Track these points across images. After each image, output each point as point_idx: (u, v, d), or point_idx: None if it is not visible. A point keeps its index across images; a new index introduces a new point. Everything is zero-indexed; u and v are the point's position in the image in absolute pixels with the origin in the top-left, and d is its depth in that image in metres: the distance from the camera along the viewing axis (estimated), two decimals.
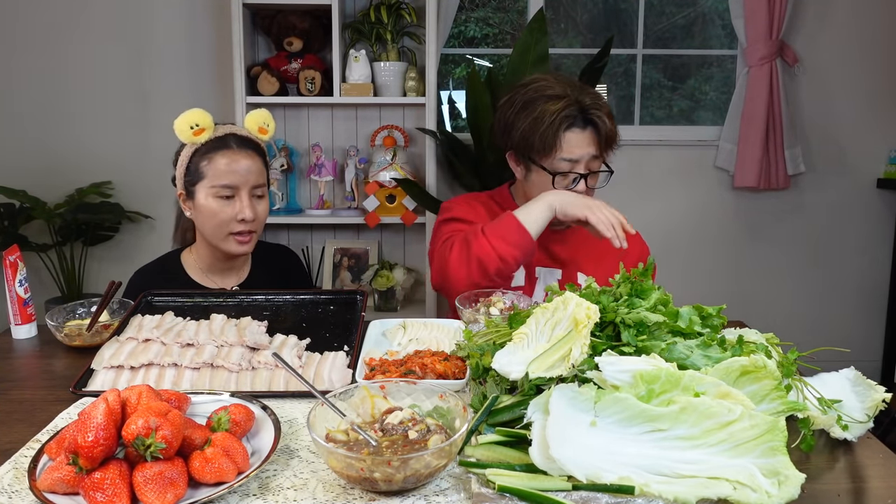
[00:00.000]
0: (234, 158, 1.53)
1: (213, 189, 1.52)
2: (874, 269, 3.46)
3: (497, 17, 3.47)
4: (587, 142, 1.56)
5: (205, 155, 1.53)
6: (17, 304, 1.40)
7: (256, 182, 1.56)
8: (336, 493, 0.80)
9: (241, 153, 1.54)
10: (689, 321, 0.99)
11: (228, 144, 1.54)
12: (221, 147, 1.53)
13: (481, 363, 1.02)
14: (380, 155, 3.06)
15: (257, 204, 1.57)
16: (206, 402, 0.96)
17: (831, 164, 3.38)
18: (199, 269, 1.66)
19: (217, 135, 1.54)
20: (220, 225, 1.54)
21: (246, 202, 1.54)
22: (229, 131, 1.57)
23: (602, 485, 0.73)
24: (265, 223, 1.65)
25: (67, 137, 3.20)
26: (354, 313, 1.36)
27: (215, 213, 1.53)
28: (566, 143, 1.55)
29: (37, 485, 0.78)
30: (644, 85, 3.43)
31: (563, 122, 1.54)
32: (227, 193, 1.53)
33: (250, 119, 1.58)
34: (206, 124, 1.52)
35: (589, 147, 1.57)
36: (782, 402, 0.87)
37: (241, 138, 1.57)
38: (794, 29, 3.24)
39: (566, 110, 1.54)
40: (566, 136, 1.55)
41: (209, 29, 3.15)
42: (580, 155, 1.56)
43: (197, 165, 1.53)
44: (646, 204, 3.39)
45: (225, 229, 1.55)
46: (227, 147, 1.54)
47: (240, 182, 1.53)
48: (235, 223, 1.54)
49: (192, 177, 1.54)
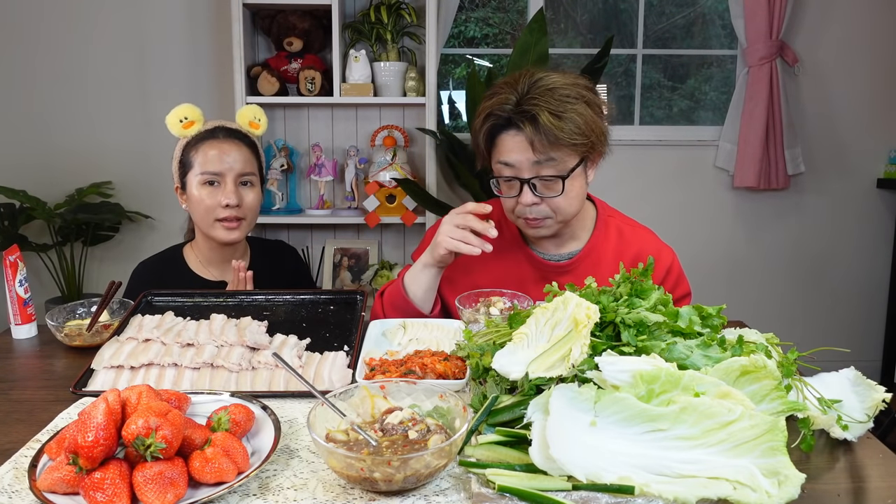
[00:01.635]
0: (220, 148, 1.59)
1: (200, 177, 1.58)
2: (874, 268, 3.46)
3: (497, 17, 3.47)
4: (523, 146, 1.32)
5: (193, 146, 1.60)
6: (17, 304, 1.40)
7: (242, 170, 1.60)
8: (336, 493, 0.80)
9: (228, 142, 1.61)
10: (689, 321, 0.99)
11: (216, 135, 1.61)
12: (209, 138, 1.60)
13: (481, 363, 1.02)
14: (380, 155, 3.06)
15: (244, 192, 1.62)
16: (206, 402, 0.96)
17: (831, 164, 3.38)
18: (200, 263, 1.69)
19: (206, 128, 1.62)
20: (206, 211, 1.59)
21: (231, 188, 1.59)
22: (218, 124, 1.64)
23: (602, 485, 0.73)
24: (258, 216, 1.70)
25: (67, 137, 3.20)
26: (354, 313, 1.36)
27: (201, 199, 1.59)
28: (501, 145, 1.36)
29: (37, 485, 0.78)
30: (644, 85, 3.43)
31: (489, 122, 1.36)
32: (213, 179, 1.58)
33: (241, 114, 1.67)
34: (194, 117, 1.60)
35: (525, 151, 1.32)
36: (782, 402, 0.87)
37: (230, 130, 1.64)
38: (794, 29, 3.24)
39: (495, 109, 1.34)
40: (500, 140, 1.36)
41: (209, 29, 3.15)
42: (516, 159, 1.34)
43: (186, 157, 1.61)
44: (646, 204, 3.39)
45: (211, 215, 1.59)
46: (214, 137, 1.61)
47: (224, 169, 1.58)
48: (220, 209, 1.59)
49: (183, 168, 1.61)
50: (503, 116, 1.34)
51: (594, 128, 1.34)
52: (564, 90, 1.33)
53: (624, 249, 1.52)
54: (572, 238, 1.52)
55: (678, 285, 1.54)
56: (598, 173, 1.47)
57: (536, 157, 1.32)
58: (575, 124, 1.31)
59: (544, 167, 1.34)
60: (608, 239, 1.53)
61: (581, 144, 1.33)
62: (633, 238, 1.54)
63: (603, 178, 3.80)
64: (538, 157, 1.32)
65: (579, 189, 1.40)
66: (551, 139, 1.30)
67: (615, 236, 1.53)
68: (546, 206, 1.38)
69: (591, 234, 1.53)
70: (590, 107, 1.34)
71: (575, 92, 1.33)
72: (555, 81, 1.34)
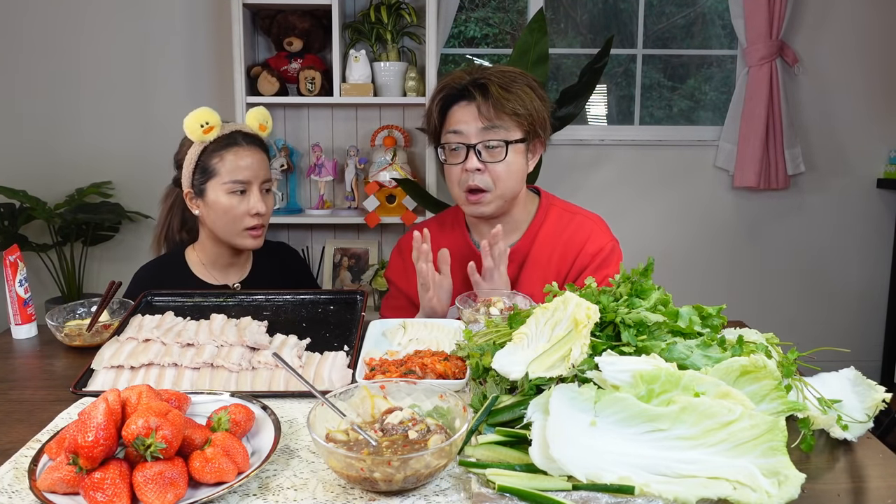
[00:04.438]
0: (244, 155, 1.58)
1: (227, 185, 1.57)
2: (874, 269, 3.46)
3: (497, 17, 3.47)
4: (472, 114, 1.47)
5: (214, 153, 1.57)
6: (17, 304, 1.40)
7: (266, 177, 1.62)
8: (336, 493, 0.80)
9: (250, 149, 1.59)
10: (689, 321, 0.99)
11: (237, 141, 1.59)
12: (232, 144, 1.58)
13: (481, 363, 1.02)
14: (380, 155, 3.06)
15: (267, 199, 1.62)
16: (206, 402, 0.96)
17: (831, 164, 3.38)
18: (203, 266, 1.68)
19: (224, 132, 1.58)
20: (234, 220, 1.58)
21: (258, 196, 1.59)
22: (235, 128, 1.61)
23: (602, 485, 0.73)
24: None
25: (67, 137, 3.20)
26: (354, 313, 1.36)
27: (229, 209, 1.57)
28: (451, 117, 1.51)
29: (37, 485, 0.78)
30: (644, 85, 3.43)
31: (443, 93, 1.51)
32: (241, 188, 1.58)
33: (251, 116, 1.64)
34: (215, 122, 1.57)
35: (474, 120, 1.47)
36: (782, 402, 0.87)
37: (247, 135, 1.62)
38: (794, 29, 3.24)
39: (450, 83, 1.51)
40: (451, 111, 1.51)
41: (209, 29, 3.15)
42: (464, 127, 1.48)
43: (207, 163, 1.57)
44: (646, 204, 3.39)
45: (239, 224, 1.59)
46: (236, 144, 1.58)
47: (251, 177, 1.58)
48: (249, 218, 1.59)
49: (203, 175, 1.58)
50: (457, 88, 1.49)
51: (538, 111, 1.49)
52: (514, 74, 1.50)
53: (559, 234, 1.59)
54: (515, 229, 1.60)
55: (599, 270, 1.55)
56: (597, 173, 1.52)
57: (483, 124, 1.47)
58: (521, 100, 1.46)
59: (490, 133, 1.47)
60: (546, 226, 1.60)
61: (525, 118, 1.47)
62: (569, 223, 1.60)
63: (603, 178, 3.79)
64: (484, 123, 1.47)
65: (520, 165, 1.52)
66: (498, 107, 1.46)
67: (554, 223, 1.60)
68: (487, 176, 1.49)
69: (529, 225, 1.60)
70: (535, 93, 1.50)
71: (523, 78, 1.50)
72: (504, 68, 1.52)
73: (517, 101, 1.46)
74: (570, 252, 1.56)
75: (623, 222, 2.74)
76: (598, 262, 1.54)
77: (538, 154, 1.58)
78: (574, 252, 1.56)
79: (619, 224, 1.84)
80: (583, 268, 1.55)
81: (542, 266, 1.57)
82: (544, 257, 1.57)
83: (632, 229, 3.15)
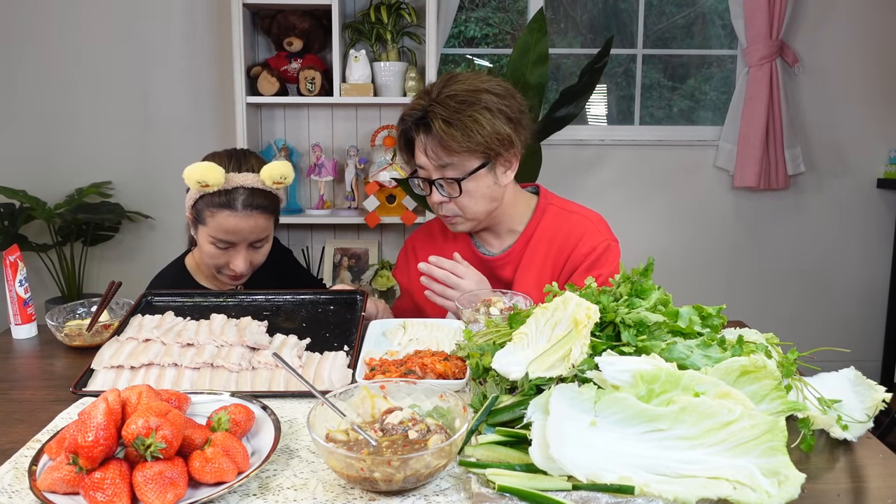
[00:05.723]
0: (235, 221, 1.47)
1: (212, 239, 1.50)
2: (874, 269, 3.46)
3: (497, 17, 3.47)
4: (421, 150, 1.47)
5: (209, 207, 1.47)
6: (17, 304, 1.40)
7: (257, 238, 1.52)
8: (336, 493, 0.80)
9: (244, 215, 1.47)
10: (689, 321, 0.99)
11: (233, 204, 1.46)
12: (226, 206, 1.46)
13: (481, 363, 1.02)
14: (380, 155, 3.06)
15: (254, 254, 1.55)
16: (206, 402, 0.96)
17: (831, 164, 3.38)
18: (202, 273, 1.66)
19: (226, 187, 1.45)
20: (214, 266, 1.55)
21: (242, 255, 1.52)
22: (239, 184, 1.46)
23: (602, 485, 0.73)
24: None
25: (67, 137, 3.20)
26: (354, 313, 1.36)
27: (210, 255, 1.53)
28: (415, 149, 1.50)
29: (37, 485, 0.78)
30: (644, 85, 3.43)
31: (400, 126, 1.51)
32: (224, 246, 1.50)
33: (267, 172, 1.48)
34: (214, 182, 1.43)
35: (423, 157, 1.46)
36: (782, 402, 0.87)
37: (250, 194, 1.47)
38: (794, 29, 3.24)
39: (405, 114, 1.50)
40: (414, 143, 1.50)
41: (209, 29, 3.15)
42: (423, 162, 1.47)
43: (201, 211, 1.49)
44: (646, 204, 3.39)
45: (219, 270, 1.56)
46: (230, 207, 1.46)
47: (238, 240, 1.50)
48: (228, 269, 1.54)
49: (196, 216, 1.51)
50: (408, 122, 1.48)
51: (498, 132, 1.40)
52: (463, 97, 1.40)
53: (554, 233, 1.57)
54: (510, 231, 1.60)
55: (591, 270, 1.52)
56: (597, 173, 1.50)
57: (432, 162, 1.44)
58: (469, 130, 1.38)
59: (446, 170, 1.44)
60: (543, 226, 1.58)
61: (479, 146, 1.40)
62: (565, 222, 1.58)
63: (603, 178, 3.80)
64: (434, 162, 1.44)
65: (485, 190, 1.47)
66: (444, 146, 1.41)
67: (550, 221, 1.59)
68: (454, 205, 1.49)
69: (525, 227, 1.59)
70: (491, 112, 1.40)
71: (474, 98, 1.40)
72: (457, 88, 1.42)
73: (465, 133, 1.38)
74: (564, 251, 1.55)
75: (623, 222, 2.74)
76: (589, 262, 1.53)
77: (514, 164, 1.51)
78: (567, 251, 1.55)
79: (619, 224, 1.84)
80: (574, 267, 1.54)
81: (537, 266, 1.56)
82: (539, 257, 1.57)
83: (632, 229, 3.15)
